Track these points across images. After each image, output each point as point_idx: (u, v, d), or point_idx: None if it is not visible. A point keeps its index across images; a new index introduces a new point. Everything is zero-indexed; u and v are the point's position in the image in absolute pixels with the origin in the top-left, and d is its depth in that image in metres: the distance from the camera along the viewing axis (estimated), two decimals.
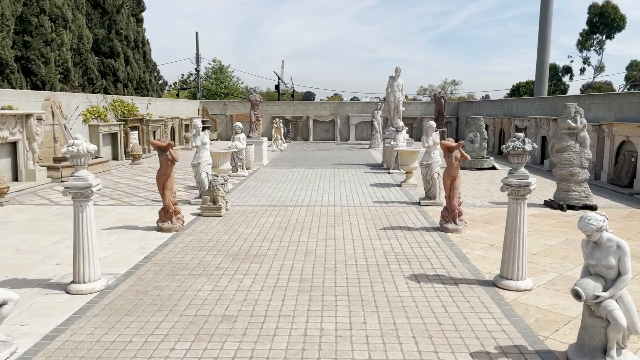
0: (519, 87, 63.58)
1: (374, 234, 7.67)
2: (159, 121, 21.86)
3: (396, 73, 16.50)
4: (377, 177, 13.91)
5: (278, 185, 12.52)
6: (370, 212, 9.27)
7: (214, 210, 8.94)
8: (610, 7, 59.82)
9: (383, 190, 11.70)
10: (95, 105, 16.71)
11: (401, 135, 14.65)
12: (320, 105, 30.86)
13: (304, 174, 14.52)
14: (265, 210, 9.45)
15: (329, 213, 9.22)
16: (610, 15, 60.17)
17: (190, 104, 28.65)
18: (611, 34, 62.07)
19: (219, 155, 11.70)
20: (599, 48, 65.75)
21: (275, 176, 14.12)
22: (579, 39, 63.62)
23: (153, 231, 7.88)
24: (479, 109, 25.64)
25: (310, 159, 19.10)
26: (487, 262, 6.39)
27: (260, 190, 11.69)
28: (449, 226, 7.78)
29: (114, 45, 25.92)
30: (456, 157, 7.75)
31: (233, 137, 14.26)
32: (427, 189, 10.04)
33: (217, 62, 53.43)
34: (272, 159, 18.77)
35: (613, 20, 60.18)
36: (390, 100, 16.60)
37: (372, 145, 23.85)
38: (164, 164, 7.80)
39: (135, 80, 27.60)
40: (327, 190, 11.76)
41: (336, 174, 14.54)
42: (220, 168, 11.75)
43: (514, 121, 19.50)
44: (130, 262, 6.30)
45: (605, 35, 63.66)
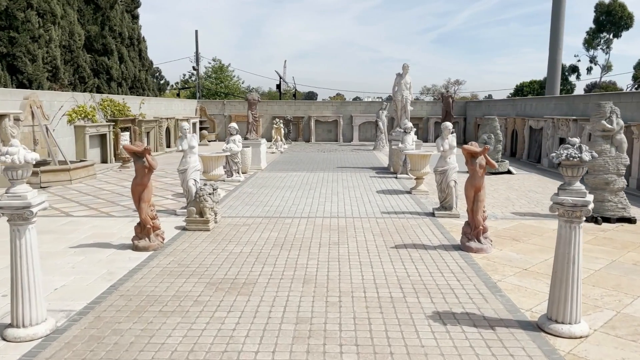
0: (523, 86, 62.47)
1: (385, 254, 6.56)
2: (152, 122, 20.79)
3: (403, 70, 15.38)
4: (384, 183, 12.80)
5: (276, 192, 11.42)
6: (379, 226, 8.16)
7: (201, 223, 7.85)
8: (618, 5, 58.70)
9: (391, 198, 10.59)
10: (82, 105, 15.64)
11: (410, 137, 13.53)
12: (322, 104, 29.76)
13: (305, 179, 13.41)
14: (259, 223, 8.34)
15: (331, 226, 8.11)
16: (618, 14, 59.08)
17: (188, 104, 27.57)
18: (618, 32, 60.96)
19: (210, 159, 10.61)
20: (605, 47, 64.63)
21: (274, 181, 13.02)
22: (585, 37, 62.47)
23: (128, 250, 6.78)
24: (489, 109, 24.49)
25: (312, 161, 18.00)
26: (524, 293, 5.27)
27: (256, 198, 10.59)
28: (473, 245, 6.67)
29: (108, 43, 24.87)
30: (481, 165, 6.64)
31: (227, 138, 13.17)
32: (442, 198, 8.92)
33: (217, 61, 52.36)
34: (271, 162, 17.67)
35: (620, 19, 59.09)
36: (397, 99, 15.49)
37: (377, 147, 22.73)
38: (139, 172, 6.71)
39: (130, 79, 26.55)
40: (330, 198, 10.65)
41: (339, 179, 13.43)
42: (211, 174, 10.67)
43: (528, 122, 18.36)
44: (92, 293, 5.20)
45: (612, 33, 62.58)
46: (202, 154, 10.67)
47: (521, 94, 59.20)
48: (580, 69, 66.42)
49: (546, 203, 10.19)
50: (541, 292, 5.26)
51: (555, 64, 26.06)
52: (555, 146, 15.91)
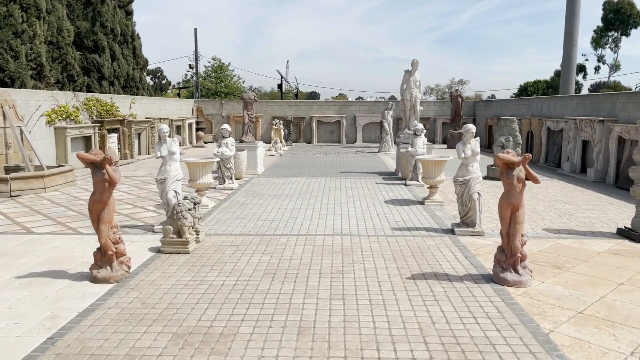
0: (527, 86, 61.26)
1: (400, 288, 5.30)
2: (144, 122, 19.57)
3: (413, 66, 14.11)
4: (392, 191, 11.53)
5: (272, 202, 10.17)
6: (390, 247, 6.89)
7: (179, 245, 6.59)
8: (627, 3, 57.48)
9: (402, 210, 9.32)
10: (64, 105, 14.42)
11: (420, 140, 12.25)
12: (324, 104, 28.50)
13: (305, 186, 12.16)
14: (249, 243, 7.09)
15: (334, 247, 6.85)
16: (627, 12, 57.85)
17: (183, 104, 26.35)
18: (627, 30, 59.71)
19: (196, 166, 9.36)
20: (614, 45, 63.38)
21: (270, 189, 11.77)
22: (593, 36, 61.17)
23: (85, 281, 5.54)
24: (500, 109, 23.19)
25: (313, 165, 16.74)
26: (589, 354, 4.00)
27: (248, 210, 9.34)
28: (509, 277, 5.40)
29: (99, 39, 23.67)
30: (519, 178, 5.38)
31: (219, 141, 11.92)
32: (463, 212, 7.65)
33: (216, 60, 51.19)
34: (269, 166, 16.42)
35: (629, 17, 57.84)
36: (405, 98, 14.22)
37: (382, 149, 21.46)
38: (98, 186, 5.46)
39: (122, 78, 25.34)
40: (333, 209, 9.40)
41: (343, 186, 12.17)
42: (199, 182, 9.42)
43: (545, 122, 17.06)
44: (18, 353, 3.96)
45: (620, 32, 61.36)
46: (188, 160, 9.44)
47: (525, 94, 57.85)
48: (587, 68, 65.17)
49: (580, 216, 8.91)
50: (611, 350, 4.00)
51: (570, 61, 24.76)
52: (577, 149, 14.63)
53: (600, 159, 13.18)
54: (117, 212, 9.14)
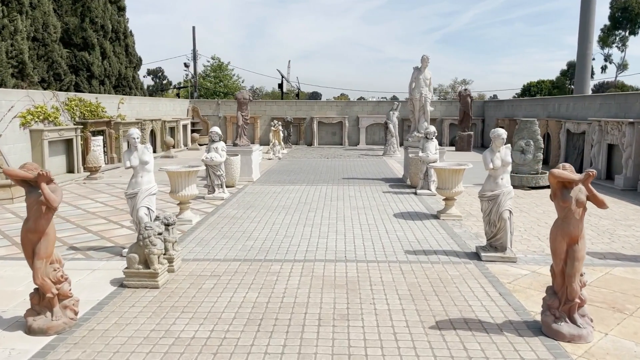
0: (530, 86, 60.06)
1: (423, 345, 4.07)
2: (133, 124, 18.35)
3: (422, 63, 12.86)
4: (401, 201, 10.29)
5: (266, 215, 8.94)
6: (406, 278, 5.66)
7: (146, 278, 5.37)
8: (634, 1, 56.27)
9: (415, 227, 8.08)
10: (41, 105, 13.21)
11: (432, 144, 11.03)
12: (326, 105, 27.27)
13: (304, 195, 10.93)
14: (234, 272, 5.86)
15: (337, 279, 5.62)
16: (634, 10, 56.68)
17: (178, 104, 25.14)
18: (635, 29, 58.53)
19: (178, 175, 8.14)
20: (621, 44, 62.17)
21: (265, 199, 10.54)
22: (600, 35, 59.91)
23: (18, 331, 4.32)
24: (512, 109, 21.93)
25: (313, 170, 15.51)
26: None
27: (238, 226, 8.11)
28: (564, 329, 4.16)
29: (88, 36, 22.49)
30: (579, 201, 4.13)
31: (208, 146, 10.71)
32: (490, 233, 6.41)
33: (216, 59, 50.00)
34: (265, 171, 15.19)
35: (637, 15, 56.66)
36: (414, 98, 12.98)
37: (387, 152, 20.22)
38: (33, 210, 4.24)
39: (114, 76, 24.16)
40: (335, 225, 8.17)
41: (346, 195, 10.94)
42: (181, 194, 8.21)
43: (564, 124, 15.80)
44: None
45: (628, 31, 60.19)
46: (168, 169, 8.22)
47: (529, 94, 56.53)
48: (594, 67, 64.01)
49: (622, 235, 7.66)
50: None
51: (585, 59, 23.50)
52: (602, 154, 13.37)
53: (631, 164, 11.92)
54: (86, 228, 7.94)
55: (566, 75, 65.24)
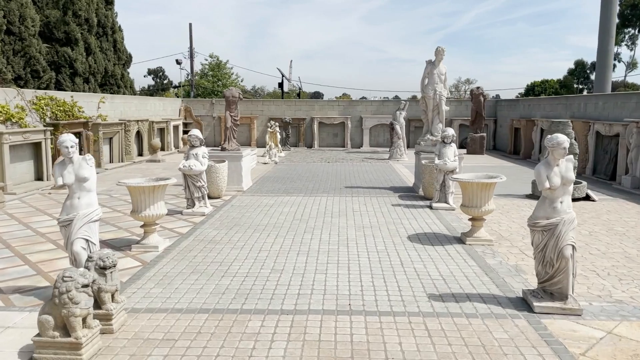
0: (534, 86, 58.43)
1: None
2: (116, 125, 16.75)
3: (437, 56, 11.23)
4: (415, 218, 8.66)
5: (252, 237, 7.32)
6: (435, 347, 4.03)
7: (65, 350, 3.75)
8: None
9: (436, 255, 6.45)
10: (3, 104, 11.61)
11: (451, 150, 9.41)
12: (327, 104, 25.62)
13: (300, 209, 9.30)
14: (197, 334, 4.24)
15: (338, 349, 4.00)
16: None
17: (169, 103, 23.53)
18: None
19: (140, 191, 6.53)
20: (630, 43, 60.55)
21: (254, 214, 8.92)
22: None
23: None
24: (529, 109, 20.26)
25: (313, 176, 13.88)
26: None
27: (213, 255, 6.49)
28: None
29: (71, 30, 20.94)
30: None
31: (187, 152, 9.09)
32: (543, 274, 4.78)
33: (214, 57, 48.39)
34: (259, 178, 13.56)
35: None
36: (427, 96, 11.34)
37: (394, 156, 18.58)
38: None
39: (99, 74, 22.60)
40: (336, 253, 6.55)
41: (349, 209, 9.31)
42: (144, 214, 6.59)
43: (593, 126, 14.14)
44: None
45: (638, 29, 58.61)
46: (129, 182, 6.60)
47: (533, 94, 54.78)
48: None
49: None
50: None
51: (606, 54, 21.84)
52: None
53: None
54: (25, 257, 6.34)
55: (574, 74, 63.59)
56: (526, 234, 7.58)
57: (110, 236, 7.48)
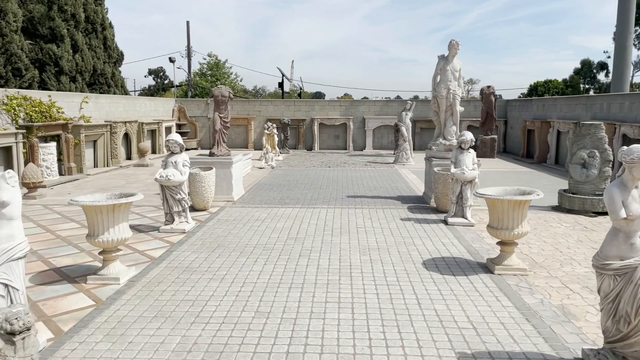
0: (537, 86, 57.20)
1: None
2: (101, 126, 15.56)
3: (450, 50, 10.01)
4: (428, 236, 7.44)
5: (235, 264, 6.11)
6: None
7: None
8: None
9: (461, 292, 5.23)
10: None
11: (469, 157, 8.19)
12: (328, 105, 24.39)
13: (295, 225, 8.09)
14: None
15: None
16: None
17: (161, 104, 22.33)
18: None
19: (96, 211, 5.33)
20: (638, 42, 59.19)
21: (242, 231, 7.70)
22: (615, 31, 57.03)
23: None
24: (544, 110, 19.01)
25: (312, 183, 12.67)
26: None
27: (185, 290, 5.27)
28: None
29: (56, 26, 19.74)
30: None
31: (165, 160, 7.88)
32: (615, 333, 3.56)
33: (212, 56, 47.21)
34: (253, 186, 12.36)
35: None
36: (439, 95, 10.12)
37: (399, 160, 17.35)
38: None
39: (88, 72, 21.39)
40: (337, 287, 5.33)
41: (352, 225, 8.10)
42: (101, 239, 5.40)
43: (619, 128, 12.90)
44: None
45: None
46: (82, 200, 5.41)
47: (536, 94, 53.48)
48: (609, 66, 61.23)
49: None
50: None
51: (625, 51, 20.61)
52: None
53: None
54: None
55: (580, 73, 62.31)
56: (564, 259, 6.36)
57: (67, 261, 6.28)
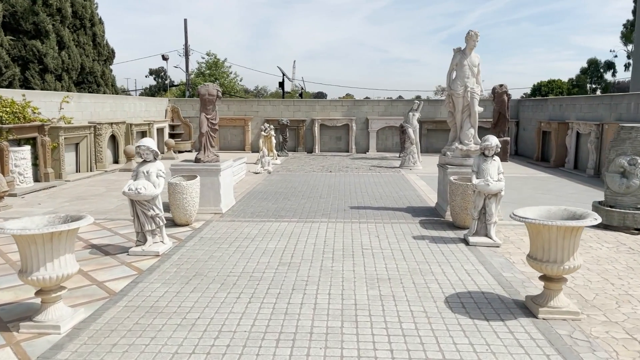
0: (540, 86, 56.00)
1: None
2: (83, 128, 14.38)
3: (468, 42, 8.78)
4: (448, 261, 6.23)
5: (213, 302, 4.91)
6: None
7: None
8: None
9: (499, 346, 4.02)
10: None
11: (494, 166, 6.99)
12: (329, 104, 23.18)
13: (290, 245, 6.89)
14: None
15: None
16: None
17: (153, 104, 21.15)
18: None
19: (29, 242, 4.13)
20: None
21: (226, 255, 6.50)
22: (622, 30, 55.80)
23: None
24: (561, 110, 17.77)
25: (311, 192, 11.47)
26: None
27: (141, 346, 4.07)
28: None
29: (41, 21, 18.57)
30: None
31: (136, 169, 6.69)
32: None
33: (211, 55, 46.03)
34: (245, 194, 11.16)
35: None
36: (455, 93, 8.91)
37: (406, 164, 16.14)
38: None
39: (75, 70, 20.22)
40: (339, 338, 4.13)
41: (357, 246, 6.90)
42: (35, 277, 4.21)
43: None
44: None
45: None
46: (10, 229, 4.19)
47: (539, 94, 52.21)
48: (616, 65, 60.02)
49: None
50: None
51: None
52: None
53: None
54: None
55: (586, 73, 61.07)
56: (619, 295, 5.15)
57: (7, 297, 5.09)
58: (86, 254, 6.58)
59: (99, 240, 7.24)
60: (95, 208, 9.51)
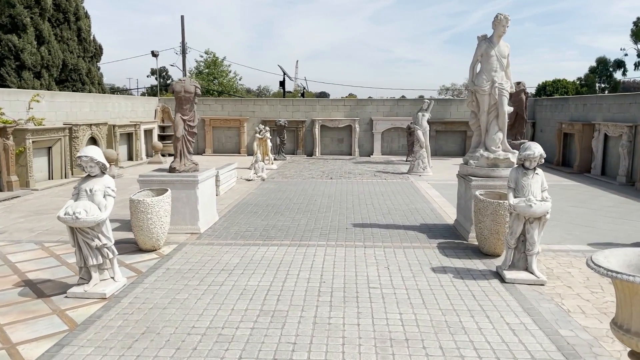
0: (545, 86, 54.51)
1: None
2: (56, 130, 12.91)
3: (495, 28, 7.30)
4: (483, 309, 4.73)
5: None
6: None
7: None
8: None
9: None
10: None
11: (537, 181, 5.49)
12: (331, 104, 21.65)
13: (277, 283, 5.40)
14: None
15: None
16: None
17: (140, 103, 19.67)
18: None
19: None
20: None
21: (193, 298, 5.02)
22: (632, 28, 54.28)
23: None
24: (585, 110, 16.23)
25: (308, 204, 9.97)
26: None
27: None
28: None
29: (17, 14, 17.13)
30: None
31: (77, 187, 5.22)
32: None
33: (210, 54, 44.64)
34: (232, 208, 9.67)
35: None
36: (479, 89, 7.44)
37: (415, 169, 14.63)
38: None
39: (56, 67, 18.76)
40: None
41: (361, 282, 5.41)
42: None
43: None
44: None
45: None
46: None
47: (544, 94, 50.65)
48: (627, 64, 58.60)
49: None
50: None
51: None
52: None
53: None
54: None
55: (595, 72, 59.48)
56: None
57: None
58: (15, 296, 5.11)
59: (37, 274, 5.77)
60: (51, 226, 8.04)
